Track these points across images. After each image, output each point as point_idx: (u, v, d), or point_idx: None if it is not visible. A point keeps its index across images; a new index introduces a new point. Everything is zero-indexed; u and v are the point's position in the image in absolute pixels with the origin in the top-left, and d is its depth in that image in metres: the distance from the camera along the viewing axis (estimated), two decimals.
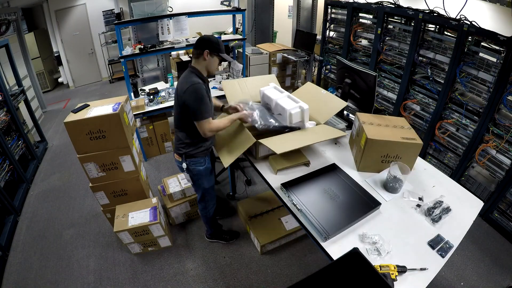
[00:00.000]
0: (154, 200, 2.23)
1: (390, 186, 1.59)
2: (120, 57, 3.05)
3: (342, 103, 1.84)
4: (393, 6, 2.91)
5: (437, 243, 1.29)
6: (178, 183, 2.45)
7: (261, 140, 1.62)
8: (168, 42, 3.33)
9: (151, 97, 3.20)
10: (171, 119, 3.59)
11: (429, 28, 2.66)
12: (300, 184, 1.57)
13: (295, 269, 2.12)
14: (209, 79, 3.86)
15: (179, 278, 2.09)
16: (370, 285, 0.65)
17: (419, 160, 1.88)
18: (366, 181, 1.67)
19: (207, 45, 1.65)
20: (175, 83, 3.65)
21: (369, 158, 1.67)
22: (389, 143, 1.60)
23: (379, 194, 1.56)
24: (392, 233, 1.35)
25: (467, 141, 2.48)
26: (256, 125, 1.76)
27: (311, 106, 1.81)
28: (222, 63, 4.62)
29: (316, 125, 1.85)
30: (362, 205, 1.43)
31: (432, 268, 1.20)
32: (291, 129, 1.79)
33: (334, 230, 1.30)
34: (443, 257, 1.25)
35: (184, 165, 1.82)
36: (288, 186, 1.54)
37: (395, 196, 1.57)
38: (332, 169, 1.68)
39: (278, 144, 1.61)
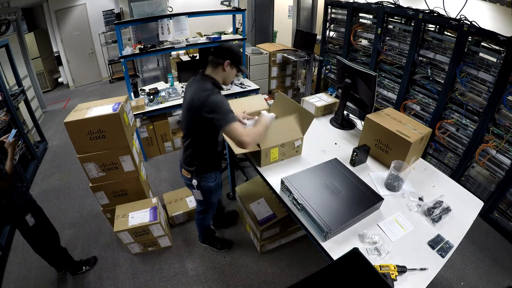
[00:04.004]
0: (154, 200, 2.23)
1: (389, 182, 1.60)
2: (120, 57, 3.05)
3: (311, 116, 1.82)
4: (393, 6, 2.91)
5: (437, 243, 1.30)
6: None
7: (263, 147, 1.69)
8: (168, 42, 3.33)
9: (151, 97, 3.20)
10: (171, 119, 3.59)
11: (429, 28, 2.66)
12: (301, 179, 1.57)
13: (295, 269, 2.12)
14: None
15: (179, 278, 2.09)
16: (370, 285, 0.65)
17: (419, 160, 1.89)
18: (370, 174, 1.72)
19: (229, 55, 1.54)
20: (175, 83, 3.68)
21: (364, 136, 1.89)
22: (382, 129, 1.75)
23: (379, 192, 1.56)
24: (392, 233, 1.35)
25: (467, 141, 2.48)
26: None
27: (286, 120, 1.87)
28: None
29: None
30: (364, 200, 1.43)
31: (432, 268, 1.20)
32: None
33: (336, 225, 1.30)
34: (443, 257, 1.25)
35: (195, 182, 1.71)
36: (289, 180, 1.54)
37: (395, 195, 1.57)
38: (333, 164, 1.68)
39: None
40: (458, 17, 2.34)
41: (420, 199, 1.54)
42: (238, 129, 1.43)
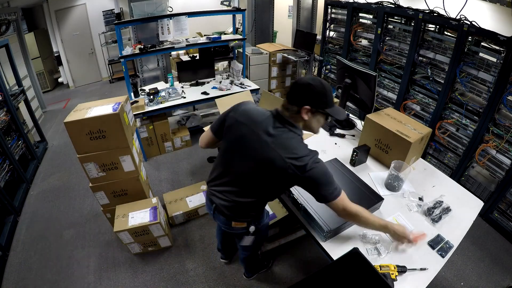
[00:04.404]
0: (154, 200, 2.23)
1: (389, 182, 1.60)
2: (120, 57, 3.05)
3: None
4: (393, 6, 2.91)
5: (437, 243, 1.30)
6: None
7: None
8: (168, 42, 3.33)
9: (151, 97, 3.20)
10: (171, 119, 3.59)
11: (429, 28, 2.66)
12: None
13: (295, 269, 2.12)
14: (209, 80, 3.91)
15: (179, 278, 2.09)
16: (370, 285, 0.65)
17: (419, 160, 1.89)
18: (370, 174, 1.71)
19: (308, 97, 1.12)
20: (175, 83, 3.68)
21: (364, 136, 1.89)
22: (382, 129, 1.74)
23: (379, 192, 1.56)
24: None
25: (467, 141, 2.48)
26: None
27: None
28: (222, 62, 4.64)
29: None
30: (364, 200, 1.43)
31: (432, 268, 1.20)
32: None
33: (336, 225, 1.30)
34: (443, 257, 1.25)
35: (253, 229, 1.38)
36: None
37: (395, 195, 1.57)
38: (333, 164, 1.68)
39: None
40: (458, 17, 2.34)
41: (420, 199, 1.54)
42: (344, 202, 1.16)
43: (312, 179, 1.11)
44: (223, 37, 3.68)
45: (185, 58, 4.58)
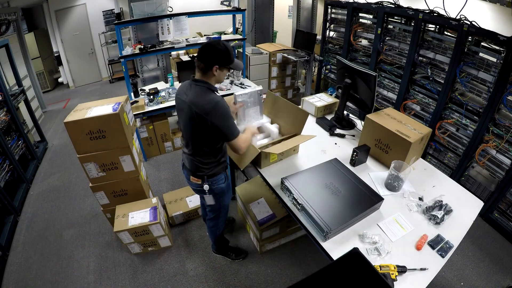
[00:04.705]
0: (154, 200, 2.23)
1: (389, 183, 1.60)
2: (120, 57, 3.05)
3: (305, 114, 1.82)
4: (393, 6, 2.91)
5: (437, 243, 1.30)
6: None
7: (265, 150, 1.70)
8: (168, 42, 3.33)
9: (151, 97, 3.20)
10: (171, 119, 3.59)
11: (429, 28, 2.66)
12: (301, 179, 1.57)
13: (295, 269, 2.12)
14: None
15: (179, 278, 2.09)
16: (370, 285, 0.65)
17: (419, 160, 1.89)
18: (370, 174, 1.72)
19: (215, 58, 1.42)
20: (175, 83, 3.68)
21: (364, 136, 1.89)
22: (382, 129, 1.74)
23: (379, 192, 1.56)
24: (392, 233, 1.35)
25: (467, 141, 2.48)
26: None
27: (281, 120, 2.00)
28: None
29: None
30: (364, 200, 1.43)
31: (432, 268, 1.20)
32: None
33: (337, 225, 1.30)
34: (443, 257, 1.25)
35: (207, 187, 1.66)
36: (289, 180, 1.54)
37: (395, 195, 1.57)
38: (333, 164, 1.68)
39: (275, 149, 1.72)
40: (458, 17, 2.34)
41: (420, 199, 1.54)
42: (239, 143, 1.49)
43: (218, 115, 1.41)
44: (223, 37, 3.68)
45: (185, 58, 4.57)
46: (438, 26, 2.57)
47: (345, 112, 2.26)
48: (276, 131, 1.96)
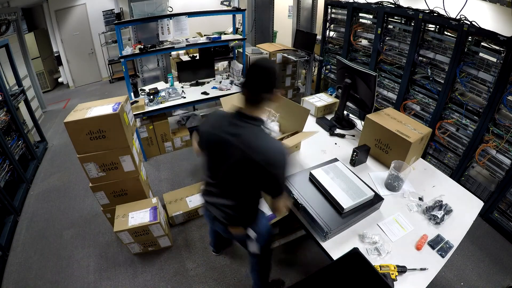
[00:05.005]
0: (154, 200, 2.23)
1: (389, 183, 1.60)
2: (120, 57, 3.05)
3: (306, 111, 1.82)
4: (393, 6, 2.91)
5: (437, 243, 1.30)
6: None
7: None
8: (168, 42, 3.33)
9: (151, 97, 3.20)
10: (171, 119, 3.59)
11: (429, 28, 2.66)
12: (301, 178, 1.57)
13: (295, 269, 2.12)
14: (209, 80, 3.91)
15: (179, 278, 2.09)
16: (370, 285, 0.65)
17: (419, 160, 1.89)
18: (370, 174, 1.71)
19: (275, 82, 1.14)
20: (175, 83, 3.68)
21: (364, 136, 1.89)
22: (382, 129, 1.74)
23: (379, 192, 1.56)
24: (392, 233, 1.35)
25: (467, 141, 2.48)
26: None
27: (281, 119, 1.98)
28: (222, 62, 4.64)
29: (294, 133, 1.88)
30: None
31: (432, 268, 1.20)
32: None
33: (337, 225, 1.30)
34: (443, 257, 1.25)
35: (253, 233, 1.39)
36: (289, 180, 1.54)
37: (395, 195, 1.57)
38: (334, 164, 1.68)
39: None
40: (458, 17, 2.34)
41: (420, 199, 1.54)
42: (283, 199, 1.23)
43: (283, 166, 1.13)
44: (223, 37, 3.68)
45: (185, 58, 4.58)
46: (438, 26, 2.57)
47: (345, 112, 2.26)
48: (276, 128, 1.96)
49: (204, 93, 3.47)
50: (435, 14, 2.54)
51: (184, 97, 3.37)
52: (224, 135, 1.16)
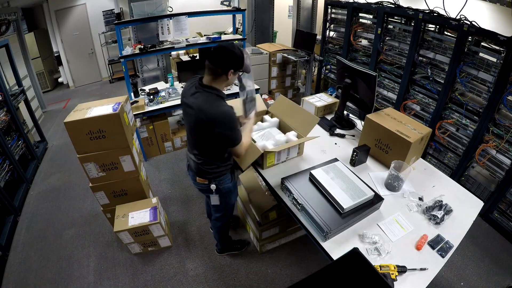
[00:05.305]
0: (154, 200, 2.23)
1: (389, 183, 1.60)
2: (120, 57, 3.05)
3: (315, 120, 1.83)
4: (393, 6, 2.91)
5: (437, 243, 1.30)
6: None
7: (266, 150, 1.70)
8: (168, 42, 3.33)
9: (151, 97, 3.20)
10: (171, 119, 3.59)
11: (429, 28, 2.66)
12: (301, 179, 1.57)
13: (295, 269, 2.12)
14: None
15: (179, 278, 2.09)
16: (370, 285, 0.65)
17: (419, 160, 1.89)
18: (370, 174, 1.72)
19: (232, 63, 1.38)
20: (175, 83, 3.68)
21: (364, 136, 1.90)
22: (382, 129, 1.74)
23: (379, 192, 1.56)
24: (392, 233, 1.35)
25: (467, 141, 2.48)
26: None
27: (289, 120, 1.98)
28: None
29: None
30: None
31: (432, 268, 1.20)
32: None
33: (337, 224, 1.30)
34: (443, 257, 1.25)
35: (213, 186, 1.66)
36: (289, 180, 1.54)
37: (395, 195, 1.57)
38: (333, 164, 1.68)
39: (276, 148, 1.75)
40: (458, 17, 2.34)
41: (420, 199, 1.54)
42: (241, 148, 1.50)
43: (224, 123, 1.38)
44: (223, 37, 3.68)
45: (185, 58, 4.58)
46: (438, 26, 2.57)
47: (345, 112, 2.26)
48: (295, 139, 1.88)
49: None
50: (435, 14, 2.54)
51: None
52: (188, 100, 1.46)
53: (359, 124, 2.25)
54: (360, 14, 3.34)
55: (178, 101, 3.27)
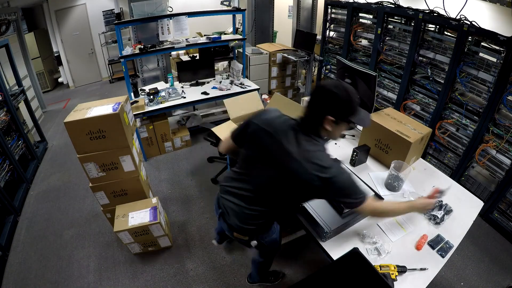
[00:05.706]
0: (154, 200, 2.23)
1: (389, 183, 1.60)
2: (120, 57, 3.05)
3: None
4: (393, 6, 2.91)
5: (437, 243, 1.30)
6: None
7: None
8: (168, 42, 3.33)
9: (151, 97, 3.20)
10: (171, 119, 3.59)
11: (429, 28, 2.66)
12: None
13: (295, 269, 2.12)
14: (209, 80, 3.92)
15: (179, 278, 2.09)
16: (370, 285, 0.65)
17: (419, 160, 1.89)
18: (370, 174, 1.71)
19: (331, 108, 1.05)
20: (175, 83, 3.68)
21: (364, 136, 1.90)
22: (382, 129, 1.74)
23: (379, 192, 1.56)
24: (392, 233, 1.35)
25: (467, 141, 2.48)
26: None
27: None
28: (222, 62, 4.64)
29: None
30: None
31: (432, 268, 1.20)
32: None
33: (337, 224, 1.30)
34: (443, 257, 1.25)
35: (255, 243, 1.34)
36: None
37: (395, 195, 1.57)
38: None
39: None
40: (458, 17, 2.34)
41: None
42: (369, 206, 1.14)
43: (338, 190, 1.08)
44: (223, 37, 3.68)
45: (185, 58, 4.58)
46: (438, 26, 2.57)
47: None
48: None
49: (204, 93, 3.47)
50: (435, 14, 2.54)
51: (184, 97, 3.37)
52: (281, 141, 1.10)
53: None
54: (360, 14, 3.34)
55: (178, 101, 3.28)
